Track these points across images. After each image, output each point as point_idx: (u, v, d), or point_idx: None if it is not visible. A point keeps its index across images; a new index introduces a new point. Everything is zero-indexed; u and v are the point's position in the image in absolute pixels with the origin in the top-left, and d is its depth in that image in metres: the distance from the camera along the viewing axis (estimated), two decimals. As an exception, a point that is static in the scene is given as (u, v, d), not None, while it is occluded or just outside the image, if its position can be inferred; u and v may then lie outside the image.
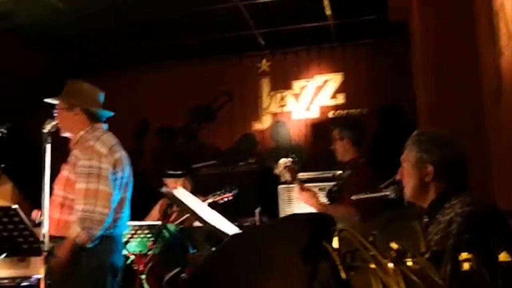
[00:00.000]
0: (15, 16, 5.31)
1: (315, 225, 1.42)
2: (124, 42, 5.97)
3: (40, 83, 6.16)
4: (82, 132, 3.19)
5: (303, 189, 3.62)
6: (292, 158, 3.70)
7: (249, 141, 6.27)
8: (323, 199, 3.79)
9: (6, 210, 2.65)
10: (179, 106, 6.38)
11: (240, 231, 2.86)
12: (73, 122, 3.20)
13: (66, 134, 3.28)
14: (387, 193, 2.64)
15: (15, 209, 2.63)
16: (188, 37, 5.90)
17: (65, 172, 3.13)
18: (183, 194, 2.87)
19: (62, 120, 3.19)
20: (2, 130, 3.65)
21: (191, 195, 3.02)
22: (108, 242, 3.10)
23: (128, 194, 3.26)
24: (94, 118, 3.25)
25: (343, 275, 1.33)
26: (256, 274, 1.34)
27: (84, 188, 2.98)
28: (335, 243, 1.38)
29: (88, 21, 5.40)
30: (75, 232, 2.92)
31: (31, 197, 5.53)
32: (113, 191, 3.05)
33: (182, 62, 6.40)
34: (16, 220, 2.67)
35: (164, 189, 4.13)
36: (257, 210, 4.78)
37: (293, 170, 3.64)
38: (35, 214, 3.30)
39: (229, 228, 2.77)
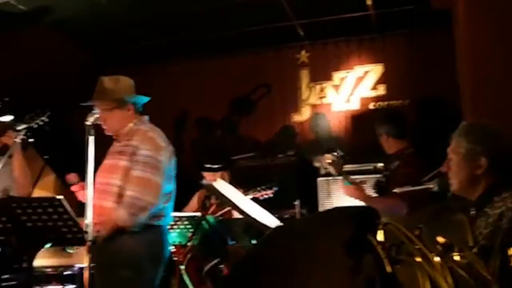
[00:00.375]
0: (57, 10, 5.41)
1: (360, 218, 1.40)
2: (163, 34, 5.99)
3: (81, 76, 6.26)
4: (131, 124, 3.27)
5: (348, 182, 3.60)
6: (337, 152, 3.67)
7: (288, 133, 6.22)
8: (369, 191, 3.75)
9: (51, 200, 2.69)
10: (218, 98, 6.37)
11: (281, 223, 2.85)
12: (123, 118, 3.27)
13: (109, 133, 3.33)
14: (431, 186, 2.58)
15: (59, 199, 2.68)
16: (227, 29, 5.89)
17: (122, 162, 3.15)
18: (223, 186, 2.87)
19: (115, 120, 3.25)
20: (44, 118, 3.72)
21: (231, 186, 3.02)
22: (156, 232, 3.17)
23: (174, 186, 3.32)
24: (139, 110, 3.33)
25: (388, 268, 1.30)
26: (299, 267, 1.32)
27: (137, 176, 3.05)
28: (380, 236, 1.36)
29: (128, 14, 5.45)
30: (119, 214, 3.00)
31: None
32: (165, 183, 3.12)
33: (221, 54, 6.38)
34: (60, 210, 2.72)
35: (204, 181, 4.15)
36: (297, 203, 4.76)
37: (339, 163, 3.62)
38: (72, 177, 3.35)
39: (270, 220, 2.75)
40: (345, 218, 1.39)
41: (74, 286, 4.93)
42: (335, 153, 3.62)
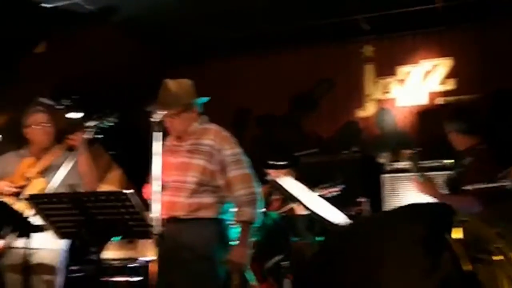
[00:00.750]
0: (122, 10, 5.53)
1: (435, 216, 1.34)
2: (226, 30, 6.02)
3: (146, 73, 6.38)
4: (195, 124, 3.36)
5: (424, 179, 3.54)
6: (414, 149, 3.61)
7: (352, 129, 6.13)
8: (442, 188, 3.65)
9: (119, 194, 2.74)
10: (280, 94, 6.34)
11: (349, 220, 2.80)
12: (189, 120, 3.36)
13: (175, 133, 3.40)
14: (506, 183, 2.47)
15: (127, 193, 2.71)
16: (290, 24, 5.86)
17: (198, 160, 3.24)
18: (287, 182, 2.85)
19: (181, 123, 3.34)
20: (112, 119, 3.80)
21: (297, 183, 3.00)
22: (224, 225, 3.29)
23: None
24: (199, 109, 3.43)
25: (467, 266, 1.24)
26: (374, 264, 1.28)
27: (241, 174, 3.20)
28: (458, 234, 1.29)
29: (191, 11, 5.51)
30: (247, 215, 3.15)
31: (139, 183, 5.78)
32: None
33: (283, 49, 6.35)
34: (128, 204, 2.75)
35: (269, 177, 4.15)
36: (364, 200, 4.68)
37: (416, 159, 3.56)
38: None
39: (336, 217, 2.71)
40: (421, 216, 1.34)
41: (140, 278, 5.03)
42: (412, 150, 3.56)
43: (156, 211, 2.93)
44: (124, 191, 2.70)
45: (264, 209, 4.12)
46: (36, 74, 5.98)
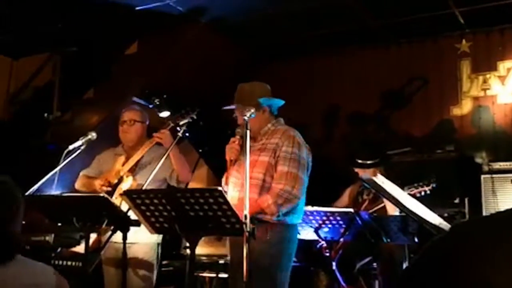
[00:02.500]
0: (212, 10, 5.60)
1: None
2: (314, 27, 5.96)
3: (235, 71, 6.44)
4: (269, 125, 3.48)
5: None
6: None
7: (447, 127, 5.87)
8: None
9: (212, 191, 2.76)
10: (371, 91, 6.20)
11: (444, 222, 2.66)
12: (261, 120, 3.47)
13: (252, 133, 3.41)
14: None
15: (220, 190, 2.73)
16: (379, 19, 5.71)
17: (263, 157, 3.36)
18: (384, 181, 2.75)
19: (254, 123, 3.37)
20: (193, 116, 3.85)
21: (390, 182, 2.89)
22: (296, 229, 3.40)
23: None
24: (273, 112, 3.53)
25: None
26: (487, 269, 1.19)
27: (285, 171, 3.25)
28: None
29: (280, 8, 5.48)
30: (265, 199, 3.19)
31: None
32: (307, 180, 3.30)
33: (374, 45, 6.21)
34: (220, 201, 2.77)
35: (364, 176, 4.05)
36: (460, 201, 4.47)
37: None
38: None
39: (434, 219, 2.58)
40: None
41: (227, 275, 5.07)
42: None
43: (247, 208, 2.93)
44: (218, 188, 2.72)
45: (352, 209, 4.04)
46: (128, 74, 6.19)
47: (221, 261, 5.04)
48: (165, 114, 6.02)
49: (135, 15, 5.66)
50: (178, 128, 3.78)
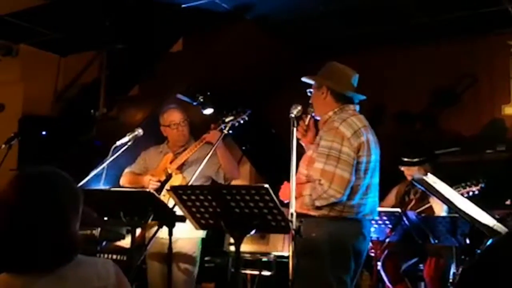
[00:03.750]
0: (257, 7, 5.59)
1: None
2: (360, 24, 5.89)
3: (279, 68, 6.42)
4: (330, 113, 3.24)
5: None
6: None
7: (498, 127, 5.68)
8: None
9: (258, 189, 2.74)
10: (418, 89, 6.06)
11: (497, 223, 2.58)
12: (322, 102, 3.28)
13: (317, 116, 3.36)
14: None
15: (266, 188, 2.71)
16: (428, 16, 5.58)
17: (310, 151, 3.22)
18: (435, 181, 2.68)
19: (313, 99, 3.31)
20: (244, 117, 3.85)
21: (442, 182, 2.81)
22: (353, 225, 3.12)
23: (375, 180, 3.22)
24: (343, 100, 3.25)
25: None
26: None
27: (321, 168, 3.04)
28: None
29: (325, 5, 5.43)
30: (305, 190, 3.07)
31: (270, 178, 5.83)
32: (352, 176, 3.03)
33: (422, 42, 6.06)
34: (266, 198, 2.74)
35: (416, 176, 3.98)
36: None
37: None
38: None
39: (488, 220, 2.50)
40: None
41: (270, 273, 5.06)
42: None
43: (293, 206, 2.91)
44: (265, 185, 2.70)
45: (399, 210, 3.97)
46: (173, 72, 6.25)
47: (264, 259, 5.04)
48: (208, 111, 6.04)
49: (181, 12, 5.70)
50: (224, 126, 3.79)
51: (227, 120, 3.79)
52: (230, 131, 3.85)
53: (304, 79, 3.34)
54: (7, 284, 1.64)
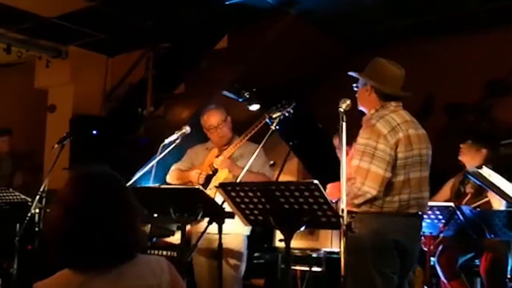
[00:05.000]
0: (301, 1, 5.53)
1: None
2: (407, 15, 5.76)
3: (325, 63, 6.35)
4: (372, 111, 3.26)
5: None
6: None
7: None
8: None
9: (308, 184, 2.71)
10: (471, 80, 5.86)
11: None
12: (366, 99, 3.28)
13: (363, 109, 3.35)
14: None
15: (316, 184, 2.68)
16: (479, 4, 5.40)
17: (351, 149, 3.21)
18: (490, 173, 2.58)
19: (358, 94, 3.32)
20: (290, 109, 3.82)
21: (497, 175, 2.71)
22: (395, 221, 3.11)
23: (423, 174, 3.19)
24: (386, 98, 3.24)
25: None
26: None
27: (356, 165, 3.06)
28: None
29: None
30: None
31: (317, 173, 5.78)
32: (387, 173, 3.03)
33: (474, 32, 5.85)
34: (316, 194, 2.71)
35: (470, 169, 3.86)
36: None
37: None
38: None
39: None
40: None
41: (320, 269, 5.02)
42: None
43: (344, 202, 2.87)
44: (314, 181, 2.66)
45: (453, 204, 3.86)
46: (218, 69, 6.27)
47: (314, 255, 5.00)
48: (254, 107, 6.04)
49: (225, 9, 5.70)
50: (270, 121, 3.77)
51: (274, 116, 3.76)
52: (277, 127, 3.81)
53: (351, 73, 3.32)
54: (68, 280, 1.68)
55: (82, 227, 1.67)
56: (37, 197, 4.48)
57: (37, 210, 4.48)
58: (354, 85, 3.33)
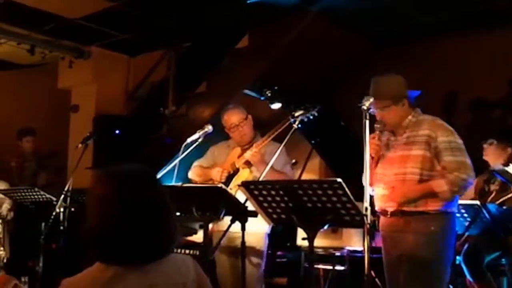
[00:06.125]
0: (322, -1, 5.51)
1: None
2: (430, 11, 5.68)
3: (347, 60, 6.30)
4: (410, 117, 3.35)
5: None
6: None
7: None
8: None
9: (331, 183, 2.69)
10: (496, 75, 5.77)
11: None
12: (401, 112, 3.36)
13: (387, 129, 3.41)
14: None
15: (339, 182, 2.66)
16: (506, 0, 5.30)
17: (417, 151, 3.25)
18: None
19: (390, 115, 3.36)
20: (314, 112, 3.81)
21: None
22: (450, 218, 3.26)
23: None
24: (412, 103, 3.40)
25: None
26: None
27: (456, 161, 3.17)
28: None
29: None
30: (441, 186, 3.13)
31: (340, 171, 5.74)
32: None
33: (499, 27, 5.75)
34: (340, 192, 2.70)
35: (496, 166, 3.82)
36: None
37: None
38: None
39: None
40: None
41: (343, 267, 4.99)
42: None
43: (368, 200, 2.85)
44: (337, 179, 2.64)
45: (479, 202, 3.80)
46: (239, 67, 6.26)
47: (337, 253, 4.96)
48: (276, 106, 6.03)
49: (246, 8, 5.69)
50: (293, 120, 3.75)
51: (296, 114, 3.74)
52: (300, 126, 3.79)
53: (370, 105, 3.20)
54: (99, 273, 1.69)
55: (121, 223, 1.69)
56: (62, 196, 4.51)
57: (62, 209, 4.51)
58: (371, 110, 3.23)
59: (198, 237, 4.20)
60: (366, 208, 2.79)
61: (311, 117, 3.78)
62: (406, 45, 5.94)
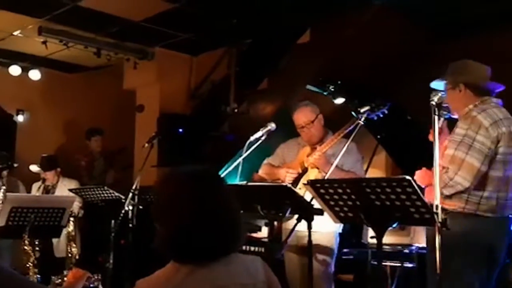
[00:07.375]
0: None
1: None
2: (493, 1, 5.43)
3: (410, 53, 6.13)
4: (470, 106, 3.16)
5: None
6: None
7: None
8: None
9: (400, 180, 2.63)
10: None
11: None
12: (459, 99, 3.20)
13: (454, 115, 3.27)
14: None
15: (408, 180, 2.60)
16: None
17: (446, 142, 3.15)
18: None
19: (449, 100, 3.22)
20: (384, 110, 3.74)
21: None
22: (489, 223, 3.04)
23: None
24: (481, 92, 3.17)
25: None
26: None
27: (451, 154, 3.00)
28: None
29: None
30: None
31: (407, 167, 5.59)
32: (483, 166, 2.96)
33: None
34: (409, 190, 2.64)
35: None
36: None
37: None
38: None
39: None
40: None
41: (412, 265, 4.87)
42: None
43: (438, 198, 2.76)
44: (407, 177, 2.58)
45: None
46: (301, 63, 6.22)
47: (406, 251, 4.85)
48: (340, 101, 5.94)
49: (307, 3, 5.64)
50: (360, 116, 3.69)
51: (362, 110, 3.67)
52: (365, 121, 3.73)
53: (433, 85, 3.22)
54: (174, 273, 1.71)
55: (197, 221, 1.72)
56: (130, 194, 4.62)
57: (130, 207, 4.63)
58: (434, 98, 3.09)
59: (264, 234, 4.22)
60: (437, 206, 2.71)
61: (381, 115, 3.72)
62: (469, 37, 5.69)
